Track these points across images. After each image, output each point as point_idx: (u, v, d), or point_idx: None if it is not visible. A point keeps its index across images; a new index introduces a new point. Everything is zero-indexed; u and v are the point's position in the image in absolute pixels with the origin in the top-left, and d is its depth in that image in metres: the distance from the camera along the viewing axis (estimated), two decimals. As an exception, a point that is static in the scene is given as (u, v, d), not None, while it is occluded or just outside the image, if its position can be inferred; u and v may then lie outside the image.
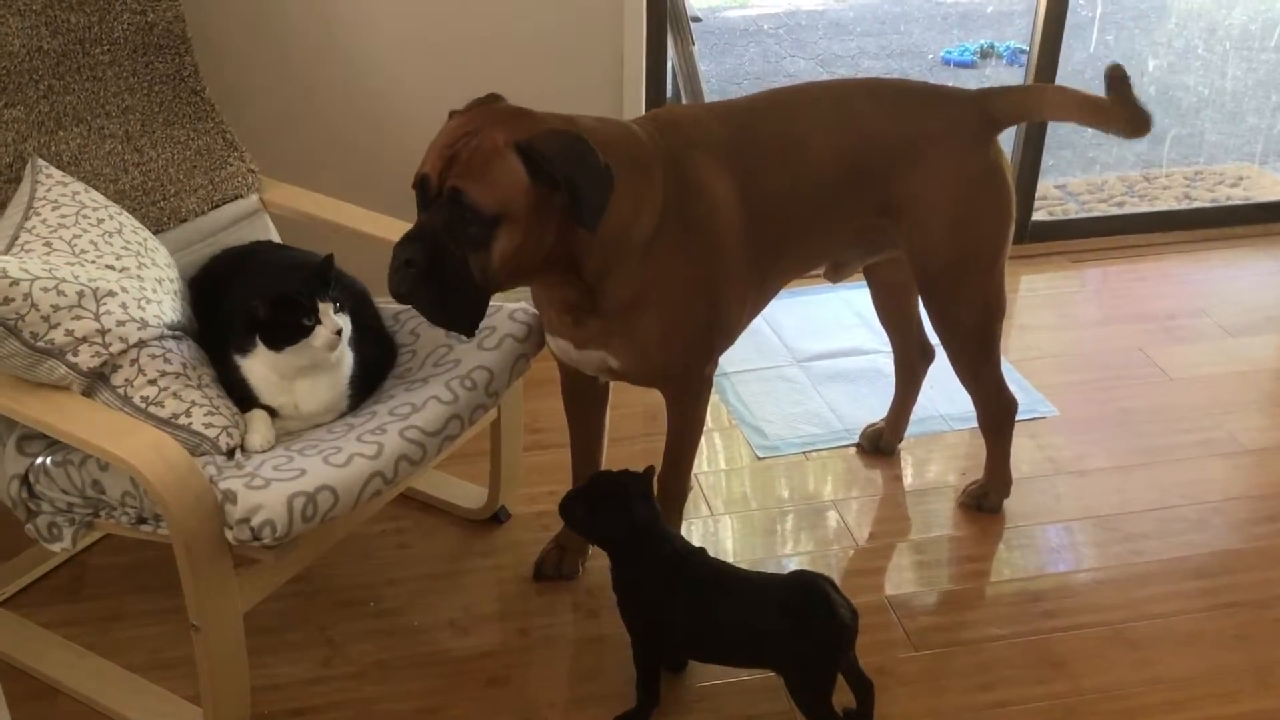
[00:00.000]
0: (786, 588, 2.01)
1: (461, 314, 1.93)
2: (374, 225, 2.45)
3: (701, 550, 2.10)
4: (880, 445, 2.86)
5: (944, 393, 2.92)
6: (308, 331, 1.98)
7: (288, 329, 1.98)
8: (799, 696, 2.01)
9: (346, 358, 2.08)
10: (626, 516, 2.05)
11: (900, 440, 2.87)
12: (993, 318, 2.41)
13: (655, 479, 2.12)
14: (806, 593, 1.98)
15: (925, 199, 2.27)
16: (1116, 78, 2.22)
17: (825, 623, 1.95)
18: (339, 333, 2.00)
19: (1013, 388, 2.54)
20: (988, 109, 2.30)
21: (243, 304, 2.00)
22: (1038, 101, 2.41)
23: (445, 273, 1.87)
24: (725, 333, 2.23)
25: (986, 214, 2.31)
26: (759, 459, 2.84)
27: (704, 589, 2.04)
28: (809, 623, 1.96)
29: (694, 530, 2.61)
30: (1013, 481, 2.65)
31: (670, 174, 2.06)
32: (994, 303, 2.40)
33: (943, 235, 2.30)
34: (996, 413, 2.55)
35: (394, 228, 2.44)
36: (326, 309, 1.99)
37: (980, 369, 2.47)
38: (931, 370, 2.78)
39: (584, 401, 2.41)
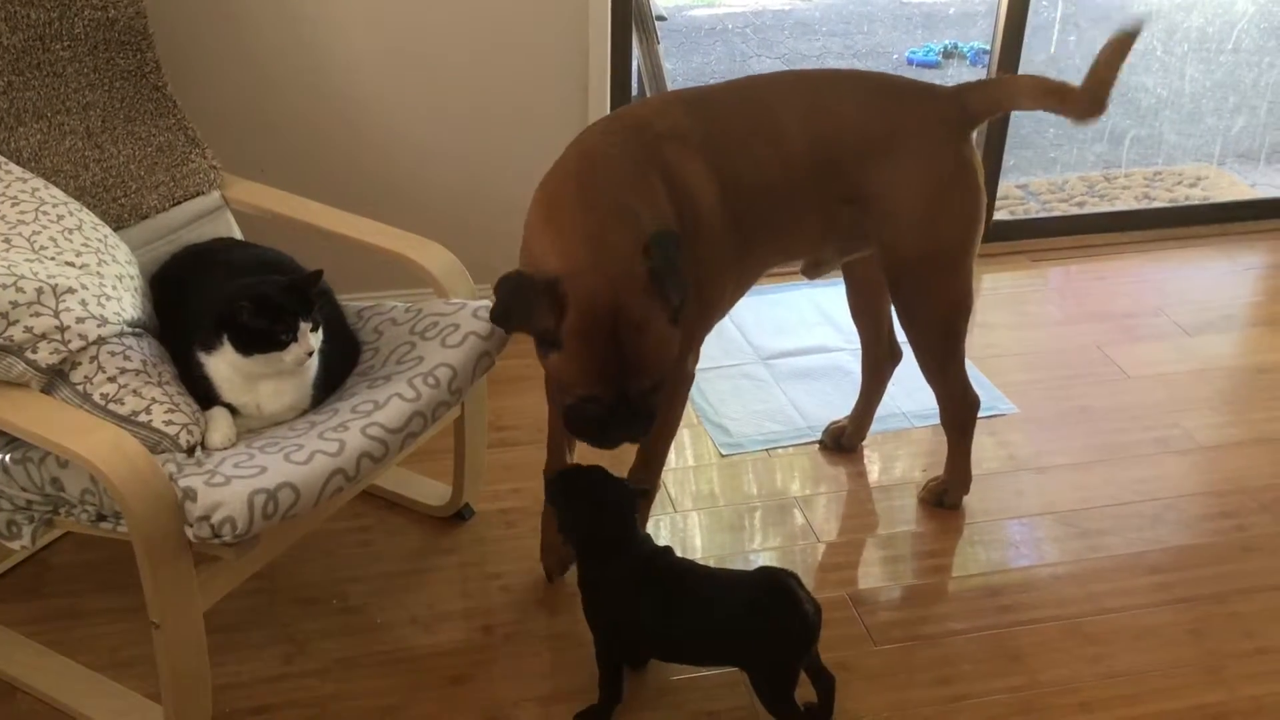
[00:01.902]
0: (752, 585, 2.02)
1: None
2: (337, 222, 2.45)
3: (668, 549, 2.11)
4: (842, 443, 2.87)
5: (905, 390, 2.95)
6: (281, 346, 1.98)
7: (262, 337, 1.97)
8: (763, 692, 2.02)
9: (312, 362, 2.07)
10: (599, 514, 2.06)
11: (863, 438, 2.89)
12: (959, 315, 2.43)
13: (627, 479, 2.13)
14: (772, 589, 1.99)
15: (896, 192, 2.28)
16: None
17: (790, 619, 1.97)
18: (311, 353, 2.00)
19: (973, 385, 2.57)
20: (964, 104, 2.32)
21: (220, 300, 1.99)
22: (1010, 91, 2.42)
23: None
24: (708, 323, 2.25)
25: (957, 210, 2.33)
26: (723, 456, 2.86)
27: (669, 588, 2.05)
28: (774, 619, 1.97)
29: (661, 526, 2.62)
30: (973, 478, 2.67)
31: (664, 179, 2.06)
32: (961, 300, 2.41)
33: (912, 229, 2.31)
34: (960, 410, 2.57)
35: (357, 225, 2.44)
36: (305, 329, 1.99)
37: (946, 366, 2.49)
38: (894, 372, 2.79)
39: None
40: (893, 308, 2.48)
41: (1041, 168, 4.83)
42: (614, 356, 1.92)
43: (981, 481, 2.71)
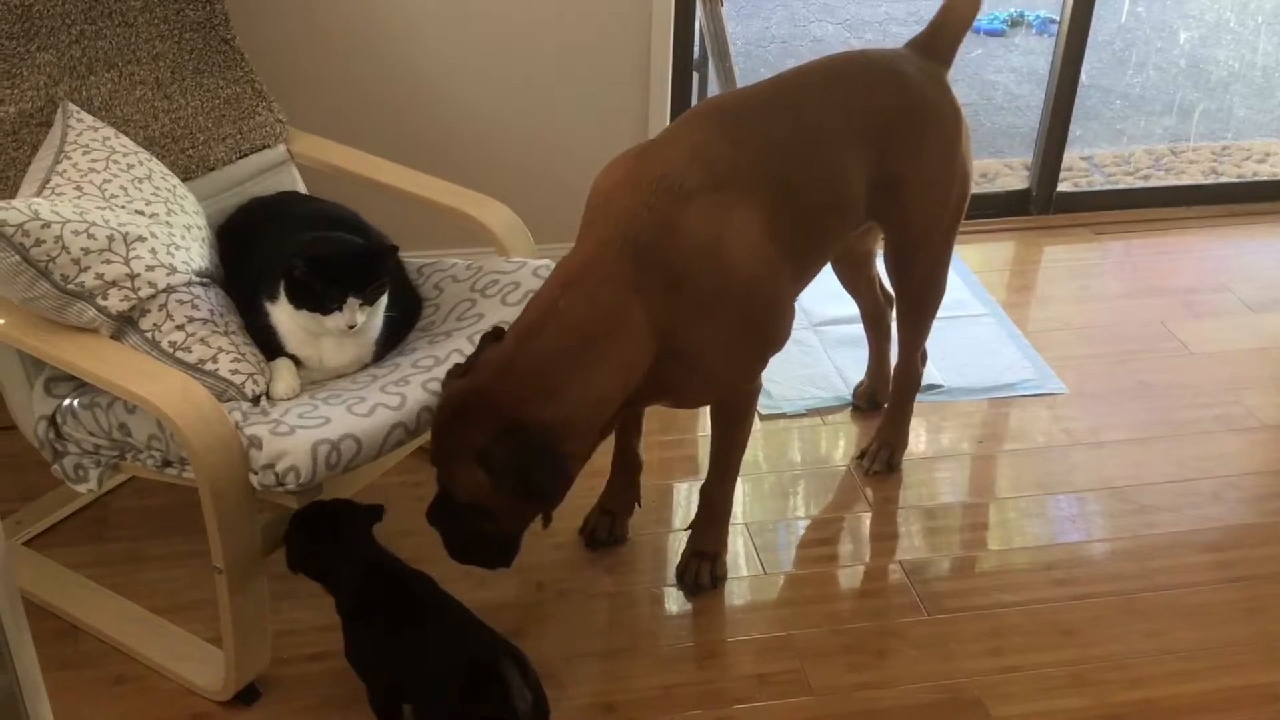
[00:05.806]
0: (474, 653, 1.86)
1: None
2: (399, 178, 2.45)
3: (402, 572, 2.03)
4: (875, 400, 2.86)
5: (955, 365, 2.93)
6: (325, 311, 1.99)
7: (312, 296, 1.98)
8: None
9: (375, 319, 2.07)
10: (344, 549, 1.97)
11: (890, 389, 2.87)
12: (946, 271, 2.48)
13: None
14: (489, 672, 1.82)
15: (919, 167, 2.29)
16: None
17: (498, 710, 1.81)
18: (352, 327, 2.00)
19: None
20: (932, 52, 2.33)
21: (291, 249, 2.00)
22: (949, 17, 2.36)
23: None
24: (776, 345, 2.15)
25: (962, 166, 2.36)
26: (761, 416, 2.85)
27: (393, 612, 1.95)
28: (481, 705, 1.81)
29: (710, 490, 2.61)
30: (1027, 451, 2.65)
31: (678, 254, 1.93)
32: (949, 251, 2.46)
33: (931, 197, 2.33)
34: (915, 375, 2.62)
35: (419, 181, 2.45)
36: (353, 304, 1.99)
37: (925, 327, 2.55)
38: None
39: None
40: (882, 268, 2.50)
41: (1107, 140, 4.75)
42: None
43: (1036, 455, 2.69)
